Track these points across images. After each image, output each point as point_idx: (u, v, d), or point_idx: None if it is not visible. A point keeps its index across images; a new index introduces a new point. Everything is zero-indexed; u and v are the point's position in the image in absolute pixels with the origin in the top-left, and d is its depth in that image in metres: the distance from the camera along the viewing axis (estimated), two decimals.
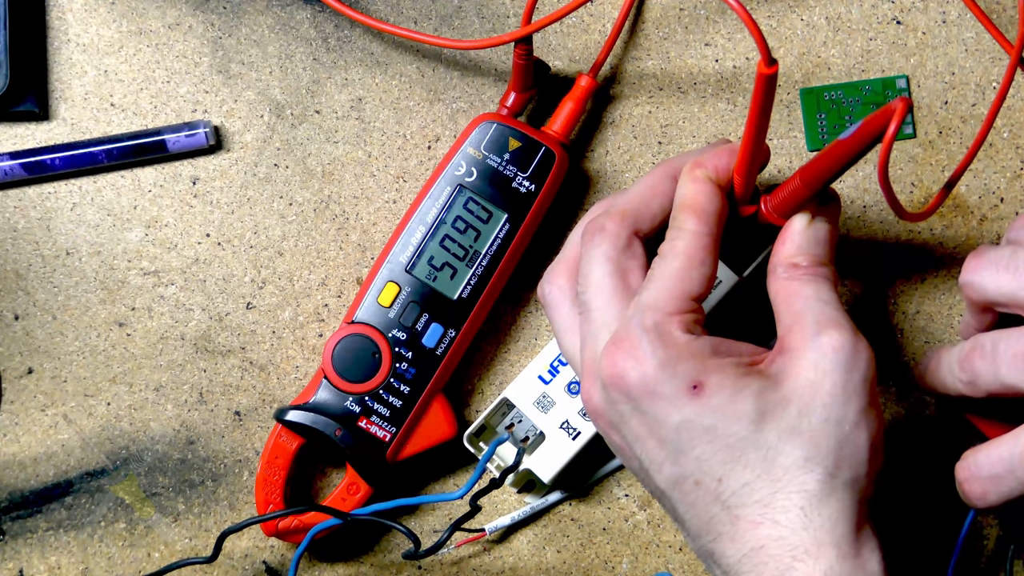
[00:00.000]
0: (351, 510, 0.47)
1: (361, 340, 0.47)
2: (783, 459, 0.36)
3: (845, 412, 0.37)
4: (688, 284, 0.38)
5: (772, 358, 0.38)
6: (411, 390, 0.47)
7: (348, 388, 0.47)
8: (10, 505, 0.50)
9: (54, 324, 0.50)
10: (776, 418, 0.36)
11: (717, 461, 0.36)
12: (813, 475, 0.36)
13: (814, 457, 0.36)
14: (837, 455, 0.36)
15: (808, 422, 0.36)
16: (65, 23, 0.50)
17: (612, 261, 0.39)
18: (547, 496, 0.50)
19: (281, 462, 0.48)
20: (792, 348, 0.38)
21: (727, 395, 0.36)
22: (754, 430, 0.36)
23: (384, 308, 0.47)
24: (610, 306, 0.39)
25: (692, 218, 0.39)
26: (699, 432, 0.36)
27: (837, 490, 0.36)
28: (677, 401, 0.36)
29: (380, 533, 0.51)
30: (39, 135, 0.50)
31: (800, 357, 0.37)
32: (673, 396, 0.36)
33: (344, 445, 0.47)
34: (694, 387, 0.36)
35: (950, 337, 0.51)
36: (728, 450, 0.36)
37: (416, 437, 0.48)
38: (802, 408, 0.36)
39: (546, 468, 0.47)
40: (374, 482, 0.48)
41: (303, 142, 0.50)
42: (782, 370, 0.37)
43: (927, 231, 0.50)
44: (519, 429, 0.49)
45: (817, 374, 0.37)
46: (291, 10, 0.50)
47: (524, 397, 0.48)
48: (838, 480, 0.36)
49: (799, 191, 0.38)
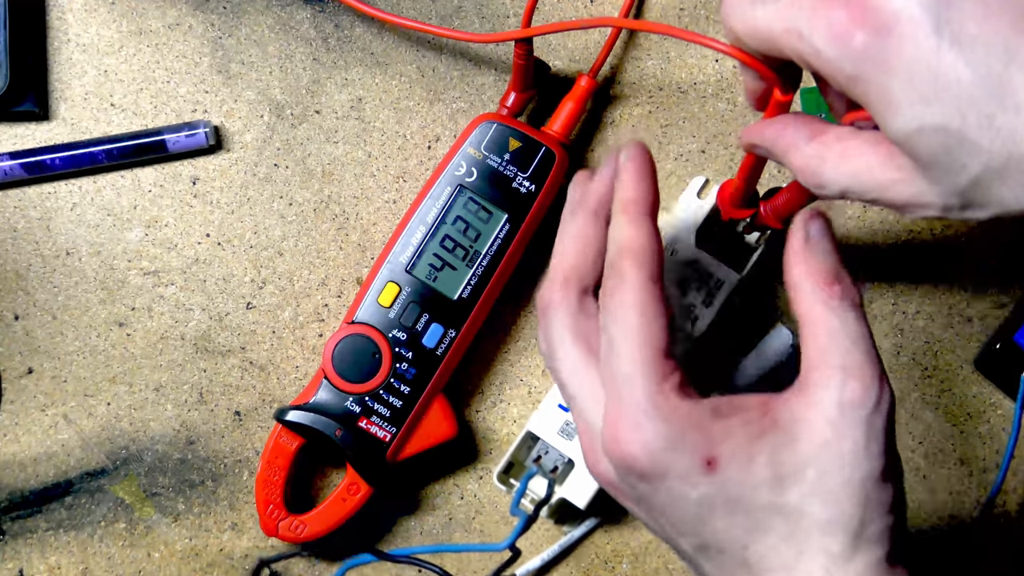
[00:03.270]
0: (352, 511, 0.47)
1: (361, 340, 0.47)
2: (805, 522, 0.35)
3: (868, 471, 0.35)
4: (655, 340, 0.36)
5: (789, 398, 0.36)
6: (411, 390, 0.47)
7: (348, 388, 0.47)
8: (10, 505, 0.50)
9: (54, 324, 0.50)
10: (796, 481, 0.35)
11: (741, 530, 0.35)
12: (836, 538, 0.35)
13: (837, 520, 0.35)
14: (862, 515, 0.35)
15: (828, 483, 0.35)
16: (65, 23, 0.50)
17: (571, 331, 0.38)
18: (573, 532, 0.50)
19: (281, 462, 0.48)
20: (812, 392, 0.36)
21: (742, 464, 0.35)
22: (775, 495, 0.35)
23: (384, 308, 0.47)
24: (586, 382, 0.38)
25: (635, 267, 0.37)
26: (719, 505, 0.35)
27: (861, 548, 0.35)
28: (692, 478, 0.35)
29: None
30: (39, 135, 0.50)
31: (819, 407, 0.35)
32: (687, 473, 0.35)
33: (344, 445, 0.47)
34: (708, 463, 0.35)
35: (950, 337, 0.51)
36: (750, 518, 0.35)
37: (416, 437, 0.48)
38: (822, 469, 0.35)
39: (580, 494, 0.47)
40: (374, 482, 0.48)
41: (303, 142, 0.50)
42: (799, 418, 0.35)
43: (927, 231, 0.50)
44: (547, 460, 0.49)
45: (836, 433, 0.35)
46: (291, 10, 0.50)
47: (547, 428, 0.48)
48: (863, 538, 0.35)
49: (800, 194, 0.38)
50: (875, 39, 0.29)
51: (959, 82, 0.29)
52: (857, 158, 0.33)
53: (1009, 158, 0.29)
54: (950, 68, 0.29)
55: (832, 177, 0.34)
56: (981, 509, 0.51)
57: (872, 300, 0.51)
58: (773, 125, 0.37)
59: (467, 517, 0.51)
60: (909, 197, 0.32)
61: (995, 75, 0.28)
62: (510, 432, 0.51)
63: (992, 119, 0.29)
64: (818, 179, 0.35)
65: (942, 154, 0.30)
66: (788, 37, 0.32)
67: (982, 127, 0.29)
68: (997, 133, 0.29)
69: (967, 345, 0.51)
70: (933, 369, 0.51)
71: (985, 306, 0.51)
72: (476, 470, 0.51)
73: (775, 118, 0.37)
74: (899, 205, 0.33)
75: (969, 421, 0.51)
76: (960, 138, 0.29)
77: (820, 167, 0.34)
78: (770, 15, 0.32)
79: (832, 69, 0.31)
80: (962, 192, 0.31)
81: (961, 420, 0.51)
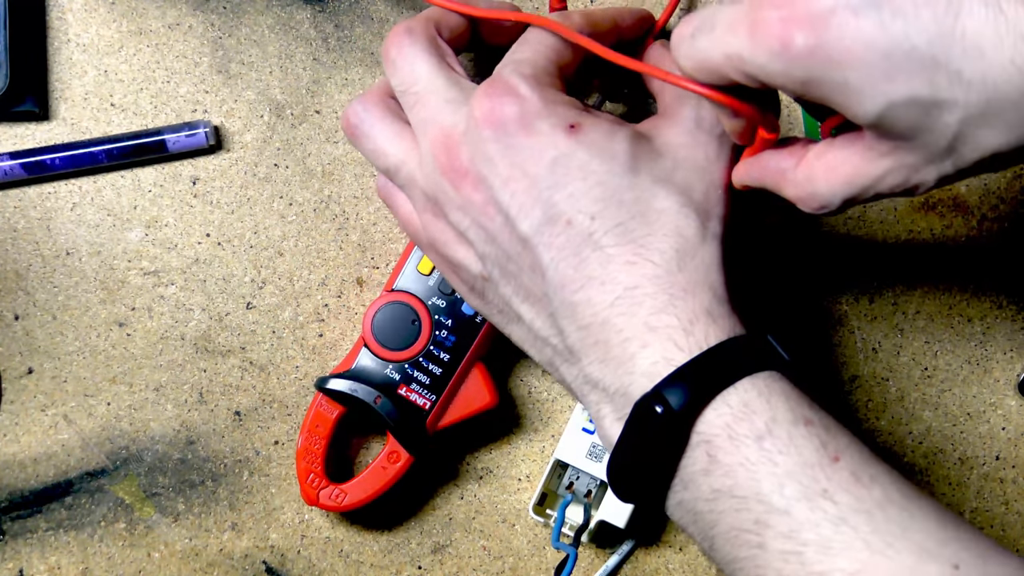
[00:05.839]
0: (393, 480, 0.48)
1: (401, 308, 0.47)
2: (658, 203, 0.37)
3: (717, 175, 0.38)
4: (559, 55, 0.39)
5: (649, 122, 0.39)
6: (451, 358, 0.47)
7: (388, 356, 0.47)
8: (10, 505, 0.50)
9: (54, 324, 0.50)
10: (650, 164, 0.37)
11: (591, 198, 0.36)
12: (689, 220, 0.36)
13: (689, 204, 0.37)
14: (708, 208, 0.37)
15: (682, 175, 0.37)
16: (65, 23, 0.50)
17: (434, 52, 0.40)
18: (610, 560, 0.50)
19: (322, 431, 0.48)
20: (671, 115, 0.39)
21: (602, 135, 0.37)
22: (628, 171, 0.37)
23: (424, 276, 0.47)
24: (449, 86, 0.39)
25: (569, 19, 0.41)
26: (574, 168, 0.36)
27: (709, 239, 0.37)
28: (554, 137, 0.37)
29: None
30: (39, 135, 0.50)
31: (678, 123, 0.39)
32: (550, 132, 0.37)
33: (384, 413, 0.47)
34: (571, 127, 0.37)
35: (950, 337, 0.51)
36: (602, 187, 0.36)
37: (456, 405, 0.48)
38: (676, 161, 0.38)
39: (617, 514, 0.47)
40: (415, 450, 0.48)
41: (303, 142, 0.50)
42: (658, 129, 0.39)
43: (927, 231, 0.50)
44: (579, 485, 0.49)
45: (691, 141, 0.38)
46: (291, 10, 0.50)
47: (575, 453, 0.48)
48: (709, 230, 0.37)
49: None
50: (815, 36, 0.29)
51: (915, 50, 0.29)
52: (842, 165, 0.34)
53: (988, 103, 0.29)
54: (902, 39, 0.28)
55: (828, 193, 0.34)
56: None
57: (872, 300, 0.51)
58: (757, 163, 0.38)
59: (467, 517, 0.51)
60: (904, 177, 0.32)
61: (947, 31, 0.28)
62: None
63: (960, 73, 0.28)
64: (818, 201, 0.35)
65: (920, 121, 0.30)
66: (731, 63, 0.32)
67: (953, 84, 0.29)
68: (970, 85, 0.29)
69: (967, 345, 0.51)
70: (933, 369, 0.51)
71: (985, 306, 0.51)
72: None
73: (757, 156, 0.37)
74: (899, 189, 0.33)
75: (969, 421, 0.51)
76: (933, 102, 0.29)
77: (814, 189, 0.35)
78: (710, 46, 0.32)
79: (784, 80, 0.31)
80: (948, 149, 0.31)
81: (961, 420, 0.51)
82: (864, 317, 0.50)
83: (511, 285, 0.38)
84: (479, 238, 0.38)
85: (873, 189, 0.33)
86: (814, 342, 0.50)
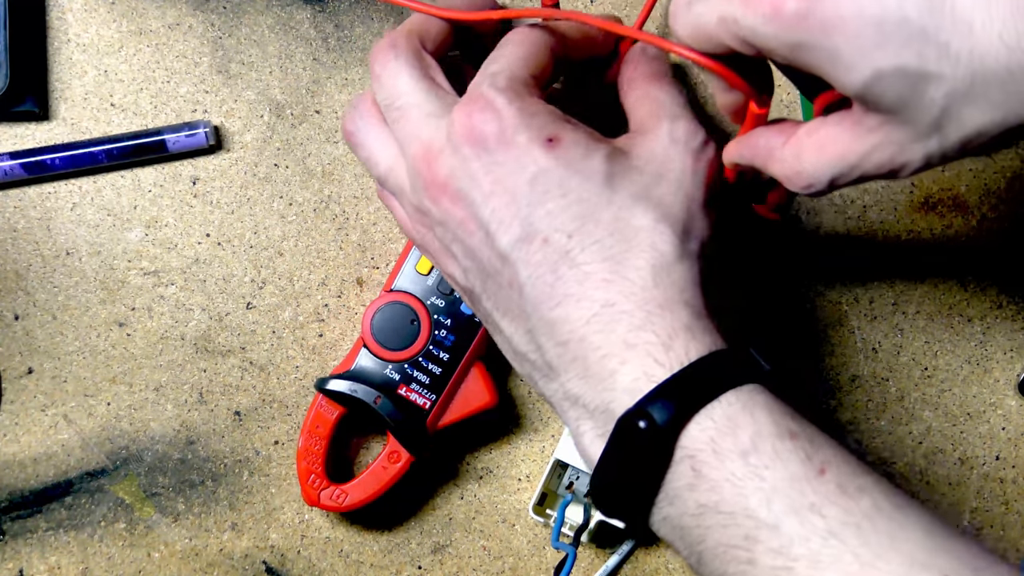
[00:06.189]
0: (394, 480, 0.48)
1: (400, 308, 0.47)
2: (635, 220, 0.36)
3: (692, 193, 0.38)
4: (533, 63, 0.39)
5: (625, 137, 0.39)
6: (450, 357, 0.47)
7: (387, 356, 0.47)
8: (10, 505, 0.50)
9: (54, 324, 0.50)
10: (627, 181, 0.37)
11: (568, 216, 0.36)
12: (665, 237, 0.36)
13: (665, 220, 0.37)
14: (686, 225, 0.37)
15: (659, 191, 0.37)
16: (65, 23, 0.50)
17: (416, 67, 0.40)
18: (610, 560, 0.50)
19: (322, 431, 0.48)
20: (646, 131, 0.39)
21: (581, 151, 0.37)
22: (605, 188, 0.37)
23: (422, 276, 0.47)
24: (430, 100, 0.39)
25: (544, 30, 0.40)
26: (553, 185, 0.36)
27: (686, 257, 0.37)
28: (533, 151, 0.36)
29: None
30: (39, 135, 0.50)
31: (653, 138, 0.39)
32: (529, 146, 0.36)
33: (384, 413, 0.47)
34: (550, 140, 0.37)
35: (950, 337, 0.51)
36: (580, 205, 0.36)
37: (456, 405, 0.48)
38: (653, 177, 0.38)
39: None
40: (415, 450, 0.48)
41: (303, 142, 0.50)
42: (634, 145, 0.39)
43: (927, 231, 0.50)
44: (579, 485, 0.49)
45: (666, 155, 0.38)
46: (291, 10, 0.50)
47: (575, 453, 0.48)
48: (687, 248, 0.37)
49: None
50: (807, 2, 0.29)
51: (907, 20, 0.29)
52: (832, 143, 0.34)
53: (974, 78, 0.29)
54: (893, 9, 0.29)
55: (815, 171, 0.34)
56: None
57: (872, 300, 0.51)
58: (747, 140, 0.38)
59: (467, 517, 0.51)
60: (891, 155, 0.33)
61: (938, 4, 0.28)
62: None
63: (948, 47, 0.28)
64: (804, 179, 0.35)
65: (907, 94, 0.30)
66: (725, 26, 0.32)
67: (941, 57, 0.29)
68: (957, 59, 0.29)
69: (967, 345, 0.51)
70: (933, 369, 0.51)
71: (985, 306, 0.51)
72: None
73: (747, 134, 0.37)
74: (885, 169, 0.33)
75: (969, 421, 0.51)
76: (920, 75, 0.29)
77: (801, 166, 0.35)
78: (705, 10, 0.33)
79: (775, 44, 0.31)
80: (934, 124, 0.31)
81: (961, 420, 0.51)
82: (864, 317, 0.50)
83: (492, 300, 0.38)
84: (460, 252, 0.38)
85: (860, 168, 0.33)
86: (814, 342, 0.50)
